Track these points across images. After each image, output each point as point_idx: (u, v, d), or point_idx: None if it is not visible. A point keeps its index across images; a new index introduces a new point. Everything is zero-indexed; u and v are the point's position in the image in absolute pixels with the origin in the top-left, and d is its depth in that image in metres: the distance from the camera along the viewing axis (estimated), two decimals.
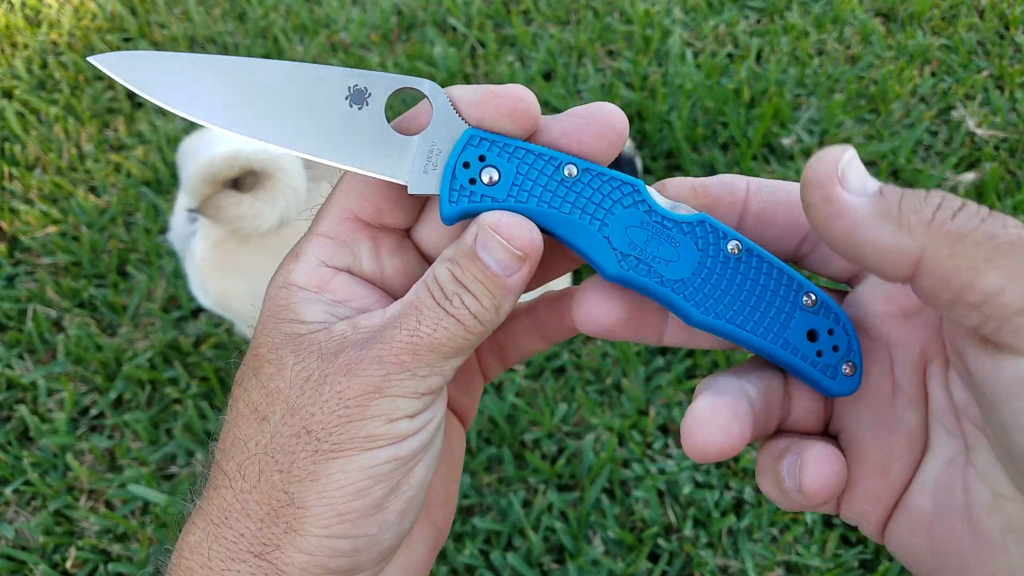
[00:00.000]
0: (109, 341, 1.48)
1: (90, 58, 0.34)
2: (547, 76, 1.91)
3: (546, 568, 1.19)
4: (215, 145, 1.01)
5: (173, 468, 1.34)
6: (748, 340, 0.33)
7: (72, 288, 1.55)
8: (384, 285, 0.36)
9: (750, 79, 1.83)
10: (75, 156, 1.80)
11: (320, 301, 0.33)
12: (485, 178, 0.33)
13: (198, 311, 1.52)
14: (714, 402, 0.30)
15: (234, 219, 1.06)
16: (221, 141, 1.01)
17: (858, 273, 0.34)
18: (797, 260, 0.34)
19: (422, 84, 0.33)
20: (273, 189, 1.04)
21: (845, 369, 0.32)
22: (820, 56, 1.91)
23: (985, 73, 1.84)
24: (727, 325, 0.32)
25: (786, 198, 0.33)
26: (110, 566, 1.22)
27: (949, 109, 1.78)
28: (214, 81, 0.33)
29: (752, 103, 1.79)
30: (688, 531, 1.19)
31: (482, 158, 0.33)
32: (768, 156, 1.71)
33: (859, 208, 0.26)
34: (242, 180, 1.06)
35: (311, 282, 0.34)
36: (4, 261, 1.62)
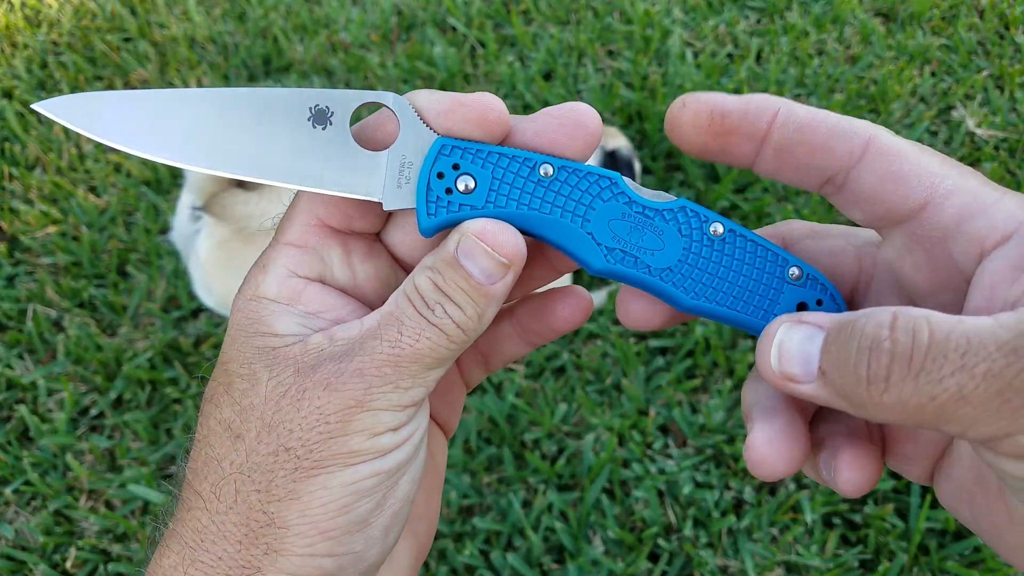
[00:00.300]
0: (109, 341, 1.48)
1: (35, 105, 0.33)
2: (547, 76, 1.91)
3: (546, 568, 1.19)
4: None
5: (173, 468, 1.34)
6: (740, 319, 0.33)
7: (72, 288, 1.55)
8: (357, 293, 0.35)
9: (750, 79, 1.83)
10: (75, 156, 1.80)
11: (292, 313, 0.32)
12: (461, 186, 0.32)
13: (198, 311, 1.52)
14: (770, 433, 0.30)
15: (240, 217, 1.06)
16: None
17: (883, 224, 0.32)
18: (823, 196, 0.33)
19: (385, 97, 0.33)
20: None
21: None
22: (820, 56, 1.91)
23: (985, 73, 1.84)
24: (718, 307, 0.33)
25: (811, 138, 0.31)
26: (110, 566, 1.22)
27: (949, 109, 1.78)
28: (169, 116, 0.32)
29: None
30: (688, 531, 1.19)
31: (456, 167, 0.32)
32: None
33: (816, 393, 0.28)
34: None
35: (282, 294, 0.33)
36: (4, 261, 1.62)
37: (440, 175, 0.32)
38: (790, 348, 0.29)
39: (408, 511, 0.34)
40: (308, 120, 0.33)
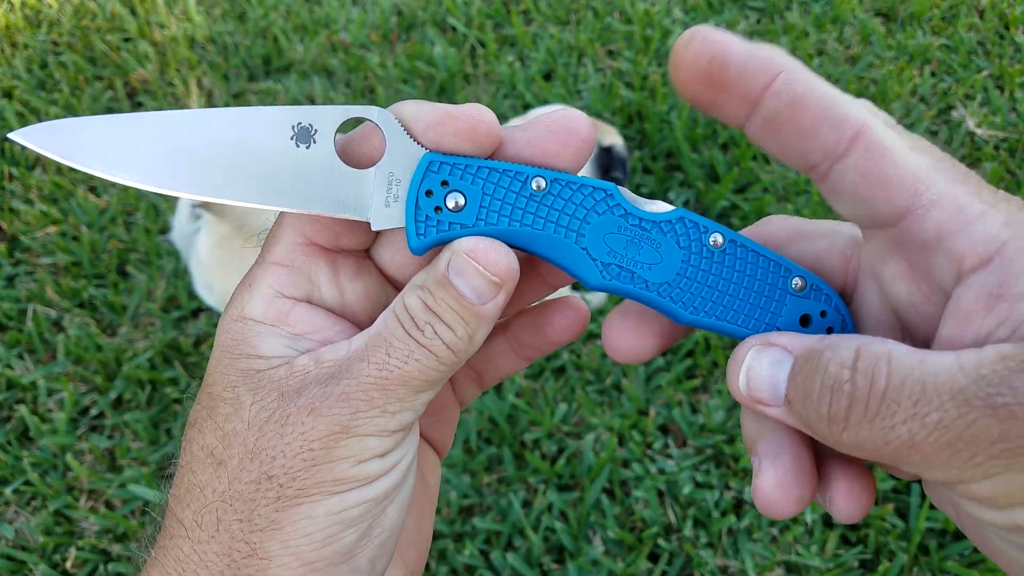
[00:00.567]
0: (109, 341, 1.48)
1: (11, 135, 0.32)
2: (547, 76, 1.91)
3: (546, 568, 1.19)
4: None
5: (173, 468, 1.34)
6: (742, 334, 0.32)
7: (72, 288, 1.55)
8: (346, 313, 0.34)
9: None
10: None
11: (279, 334, 0.31)
12: (451, 204, 0.31)
13: (198, 311, 1.52)
14: (779, 476, 0.30)
15: (240, 215, 1.06)
16: None
17: (864, 225, 0.31)
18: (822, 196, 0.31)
19: (370, 112, 0.31)
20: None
21: None
22: (820, 56, 1.91)
23: (985, 73, 1.84)
24: (718, 322, 0.32)
25: (799, 117, 0.28)
26: (110, 566, 1.22)
27: (949, 109, 1.78)
28: (149, 141, 0.31)
29: None
30: (688, 531, 1.19)
31: (445, 183, 0.31)
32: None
33: (784, 418, 0.29)
34: None
35: (268, 315, 0.32)
36: (4, 261, 1.62)
37: (429, 193, 0.31)
38: (758, 374, 0.29)
39: (396, 541, 0.33)
40: (291, 139, 0.32)
